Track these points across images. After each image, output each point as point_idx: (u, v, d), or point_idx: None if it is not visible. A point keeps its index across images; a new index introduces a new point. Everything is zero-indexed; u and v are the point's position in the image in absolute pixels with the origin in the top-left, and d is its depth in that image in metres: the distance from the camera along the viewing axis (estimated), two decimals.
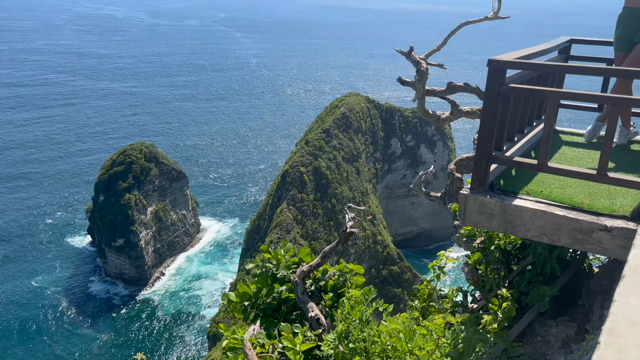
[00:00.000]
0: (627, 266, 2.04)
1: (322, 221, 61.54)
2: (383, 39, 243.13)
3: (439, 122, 9.20)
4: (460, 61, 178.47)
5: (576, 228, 4.51)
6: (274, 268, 6.98)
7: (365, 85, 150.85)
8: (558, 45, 6.84)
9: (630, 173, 5.50)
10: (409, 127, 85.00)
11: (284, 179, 63.88)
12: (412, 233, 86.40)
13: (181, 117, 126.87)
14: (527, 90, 4.94)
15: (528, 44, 8.36)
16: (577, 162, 6.01)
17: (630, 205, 4.61)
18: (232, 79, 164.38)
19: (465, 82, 8.48)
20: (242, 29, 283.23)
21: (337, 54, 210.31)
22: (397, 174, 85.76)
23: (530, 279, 6.03)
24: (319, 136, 68.74)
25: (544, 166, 4.81)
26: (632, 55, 6.28)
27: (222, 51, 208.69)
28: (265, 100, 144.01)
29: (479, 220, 5.10)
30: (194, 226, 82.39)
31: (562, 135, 7.20)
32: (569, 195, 4.93)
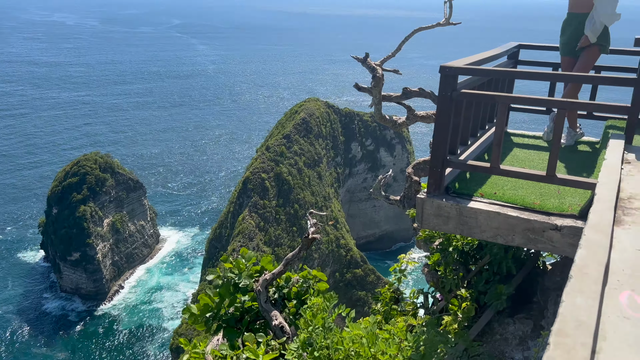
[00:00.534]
0: (574, 267, 2.12)
1: (285, 227, 61.33)
2: (341, 45, 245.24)
3: (395, 126, 9.34)
4: (416, 66, 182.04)
5: (529, 228, 4.65)
6: (236, 277, 6.89)
7: (324, 91, 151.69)
8: (507, 51, 7.07)
9: (578, 173, 5.73)
10: (368, 131, 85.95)
11: (245, 186, 63.34)
12: (374, 235, 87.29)
13: (137, 126, 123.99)
14: (478, 95, 5.08)
15: (480, 47, 8.64)
16: (528, 163, 6.21)
17: (578, 204, 4.80)
18: (189, 86, 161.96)
19: (420, 88, 8.65)
20: (198, 35, 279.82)
21: (296, 60, 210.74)
22: (358, 178, 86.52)
23: (488, 278, 6.19)
24: (279, 142, 68.59)
25: (497, 169, 4.95)
26: (580, 60, 6.55)
27: (177, 58, 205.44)
28: (223, 107, 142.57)
29: (436, 223, 5.20)
30: (153, 237, 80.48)
31: (513, 138, 7.43)
32: (521, 196, 5.08)
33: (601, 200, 2.79)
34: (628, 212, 2.81)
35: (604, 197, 2.83)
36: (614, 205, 2.77)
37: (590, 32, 6.25)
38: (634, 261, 2.30)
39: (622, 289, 2.08)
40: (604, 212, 2.63)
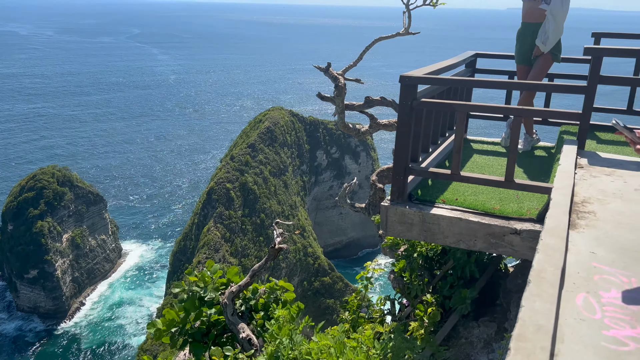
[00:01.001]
0: (532, 271, 2.17)
1: (252, 237, 60.78)
2: (304, 54, 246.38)
3: (359, 135, 9.44)
4: (378, 74, 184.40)
5: (490, 233, 4.76)
6: (202, 291, 6.78)
7: (289, 99, 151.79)
8: (465, 60, 7.26)
9: (535, 178, 5.91)
10: (333, 139, 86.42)
11: (209, 197, 62.51)
12: (341, 243, 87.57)
13: (96, 138, 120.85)
14: (437, 104, 5.19)
15: (439, 55, 8.86)
16: (488, 169, 6.37)
17: (536, 208, 4.94)
18: (150, 96, 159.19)
19: (382, 97, 8.78)
20: (159, 44, 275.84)
21: (259, 69, 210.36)
22: (324, 186, 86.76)
23: (452, 283, 6.29)
24: (244, 151, 68.12)
25: (457, 175, 5.06)
26: (534, 68, 6.79)
27: (138, 68, 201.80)
28: (185, 117, 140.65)
29: (401, 230, 5.26)
30: (115, 251, 78.34)
31: (473, 144, 7.61)
32: (482, 201, 5.20)
33: (556, 205, 2.87)
34: (582, 215, 2.91)
35: (559, 202, 2.93)
36: (568, 210, 2.86)
37: (542, 43, 6.50)
38: (588, 264, 2.38)
39: (578, 291, 2.15)
40: (560, 217, 2.71)
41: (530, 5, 6.75)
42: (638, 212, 3.01)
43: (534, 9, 6.71)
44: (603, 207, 3.06)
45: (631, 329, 1.89)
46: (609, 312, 2.00)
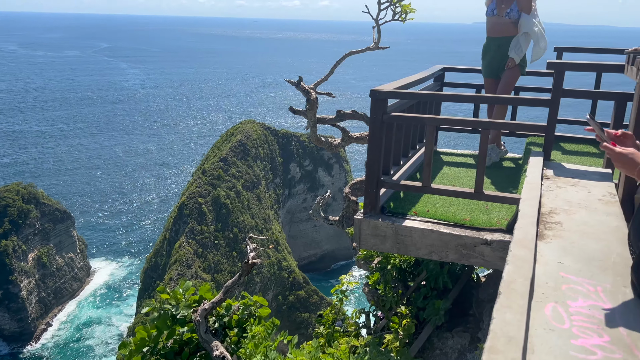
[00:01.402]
0: (502, 282, 2.21)
1: (225, 252, 60.06)
2: (275, 67, 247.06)
3: (331, 148, 9.49)
4: (350, 87, 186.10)
5: (461, 244, 4.83)
6: (174, 309, 6.65)
7: (261, 113, 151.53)
8: (433, 74, 7.41)
9: (504, 189, 6.04)
10: (306, 151, 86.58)
11: (181, 212, 61.63)
12: (316, 256, 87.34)
13: (63, 154, 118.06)
14: (407, 118, 5.27)
15: (409, 68, 9.02)
16: (458, 181, 6.48)
17: (505, 219, 5.05)
18: (118, 111, 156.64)
19: (354, 110, 8.86)
20: (128, 59, 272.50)
21: (230, 82, 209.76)
22: (297, 198, 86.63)
23: (426, 294, 6.34)
24: (216, 165, 67.57)
25: (428, 188, 5.13)
26: (502, 81, 6.98)
27: (106, 82, 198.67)
28: (154, 132, 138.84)
29: (374, 243, 5.29)
30: (83, 269, 76.28)
31: (443, 156, 7.74)
32: (453, 213, 5.28)
33: (524, 217, 2.94)
34: (549, 226, 2.98)
35: (526, 213, 2.99)
36: (536, 221, 2.93)
37: (515, 54, 6.72)
38: (556, 274, 2.44)
39: (547, 301, 2.19)
40: (527, 228, 2.77)
41: (494, 20, 6.96)
42: (602, 221, 3.10)
43: (498, 23, 6.92)
44: (569, 217, 3.15)
45: (598, 338, 1.94)
46: (576, 321, 2.05)
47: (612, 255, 2.65)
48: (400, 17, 8.03)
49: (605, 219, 3.15)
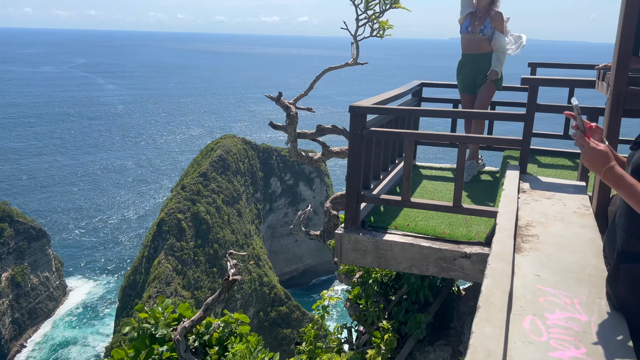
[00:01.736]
0: (481, 296, 2.23)
1: (205, 269, 59.34)
2: (255, 82, 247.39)
3: (311, 163, 9.51)
4: (330, 102, 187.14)
5: (441, 257, 4.87)
6: (152, 328, 6.54)
7: (241, 127, 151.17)
8: (411, 89, 7.51)
9: (482, 202, 6.12)
10: (286, 166, 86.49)
11: (160, 228, 60.82)
12: (297, 270, 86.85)
13: (38, 171, 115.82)
14: (386, 133, 5.33)
15: (388, 82, 9.16)
16: (437, 194, 6.55)
17: (484, 232, 5.11)
18: (95, 127, 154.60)
19: (333, 125, 8.92)
20: (106, 74, 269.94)
21: (209, 97, 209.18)
22: (279, 213, 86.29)
23: (407, 308, 6.35)
24: (196, 180, 67.01)
25: (408, 202, 5.17)
26: (478, 97, 7.13)
27: (84, 98, 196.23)
28: (133, 148, 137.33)
29: (355, 258, 5.29)
30: (59, 289, 74.50)
31: (422, 170, 7.82)
32: (432, 226, 5.33)
33: (502, 230, 2.98)
34: (526, 239, 3.03)
35: (504, 226, 3.04)
36: (513, 234, 2.97)
37: (498, 67, 6.92)
38: (533, 287, 2.47)
39: (525, 314, 2.22)
40: (505, 241, 2.81)
41: (469, 37, 7.13)
42: (577, 233, 3.16)
43: (472, 40, 7.09)
44: (545, 230, 3.20)
45: (575, 350, 1.97)
46: (554, 333, 2.08)
47: (588, 267, 2.71)
48: (378, 34, 8.14)
49: (580, 231, 3.22)
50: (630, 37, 3.53)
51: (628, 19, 3.43)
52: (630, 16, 3.45)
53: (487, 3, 6.94)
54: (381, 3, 7.89)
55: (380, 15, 7.97)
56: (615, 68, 3.48)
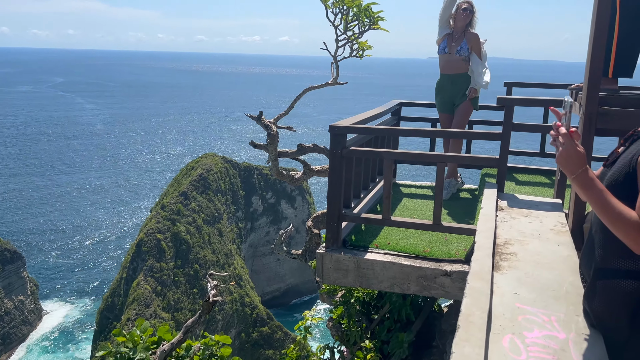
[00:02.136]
0: (461, 315, 2.24)
1: (185, 290, 58.40)
2: (235, 101, 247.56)
3: (293, 181, 9.51)
4: (311, 121, 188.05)
5: (422, 275, 4.89)
6: (130, 352, 6.39)
7: (221, 146, 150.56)
8: (390, 108, 7.61)
9: (461, 219, 6.18)
10: (268, 184, 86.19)
11: (139, 249, 59.84)
12: (279, 290, 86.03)
13: (12, 192, 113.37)
14: (366, 152, 5.37)
15: (367, 101, 9.27)
16: (417, 212, 6.59)
17: (463, 249, 5.15)
18: (73, 147, 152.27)
19: (314, 144, 8.97)
20: (84, 93, 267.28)
21: (190, 116, 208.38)
22: (260, 232, 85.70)
23: (389, 327, 6.33)
24: (176, 199, 66.31)
25: (388, 220, 5.20)
26: (456, 117, 7.26)
27: (61, 118, 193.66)
28: (111, 167, 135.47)
29: (337, 277, 5.28)
30: (34, 312, 72.46)
31: (402, 188, 7.88)
32: (413, 244, 5.35)
33: (480, 248, 3.01)
34: (504, 257, 3.06)
35: (482, 245, 3.07)
36: (492, 252, 3.00)
37: (477, 86, 7.07)
38: (512, 305, 2.49)
39: (504, 333, 2.23)
40: (484, 260, 2.84)
41: (446, 58, 7.28)
42: (554, 251, 3.21)
43: (450, 61, 7.25)
44: (523, 247, 3.24)
45: None
46: (532, 352, 2.09)
47: (565, 285, 2.74)
48: (357, 54, 8.25)
49: (557, 248, 3.27)
50: (600, 58, 3.64)
51: (597, 41, 3.54)
52: (599, 38, 3.57)
53: (463, 25, 7.12)
54: (360, 24, 8.03)
55: (359, 36, 8.10)
56: (586, 89, 3.58)
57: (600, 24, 3.54)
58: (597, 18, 3.53)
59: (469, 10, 7.08)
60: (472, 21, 7.16)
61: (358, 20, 7.94)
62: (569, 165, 2.19)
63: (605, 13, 3.52)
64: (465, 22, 7.11)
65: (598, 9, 3.51)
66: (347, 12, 7.86)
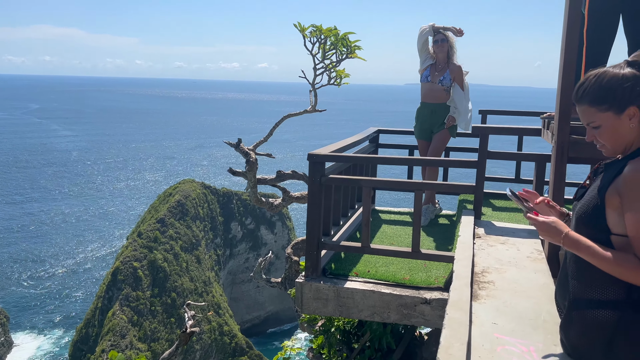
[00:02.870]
0: (440, 348, 2.23)
1: (162, 319, 57.05)
2: (214, 127, 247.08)
3: (272, 208, 9.47)
4: (291, 146, 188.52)
5: (402, 303, 4.86)
6: None
7: (200, 172, 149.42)
8: (368, 136, 7.70)
9: (440, 246, 6.21)
10: (247, 210, 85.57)
11: (114, 278, 58.48)
12: (259, 318, 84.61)
13: None
14: (345, 180, 5.39)
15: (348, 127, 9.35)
16: (396, 239, 6.61)
17: (443, 277, 5.15)
18: (47, 175, 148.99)
19: (293, 170, 8.99)
20: (60, 120, 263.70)
21: (168, 142, 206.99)
22: (239, 258, 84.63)
23: (370, 356, 6.25)
24: (153, 227, 65.28)
25: (367, 248, 5.19)
26: (433, 144, 7.37)
27: (36, 145, 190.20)
28: (86, 195, 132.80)
29: (316, 307, 5.22)
30: (4, 345, 69.75)
31: (381, 215, 7.91)
32: (393, 272, 5.34)
33: (458, 277, 3.02)
34: (483, 286, 3.07)
35: (460, 274, 3.08)
36: (470, 282, 3.01)
37: (456, 115, 7.21)
38: (491, 335, 2.49)
39: None
40: (462, 289, 2.85)
41: (428, 87, 7.43)
42: (531, 279, 3.24)
43: (432, 90, 7.40)
44: (501, 276, 3.26)
45: None
46: None
47: (542, 313, 2.76)
48: (335, 82, 8.38)
49: (534, 276, 3.30)
50: (570, 87, 3.76)
51: (567, 73, 3.66)
52: (569, 68, 3.68)
53: (444, 56, 7.30)
54: (338, 53, 8.17)
55: (337, 65, 8.23)
56: (557, 118, 3.67)
57: (569, 55, 3.66)
58: (565, 50, 3.65)
59: (441, 40, 7.26)
60: (450, 52, 7.33)
61: (335, 49, 8.08)
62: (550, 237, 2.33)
63: (573, 46, 3.64)
64: (443, 52, 7.28)
65: (566, 42, 3.63)
66: (325, 41, 8.00)
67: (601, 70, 2.33)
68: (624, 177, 2.18)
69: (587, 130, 2.40)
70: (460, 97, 7.23)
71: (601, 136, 2.32)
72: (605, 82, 2.26)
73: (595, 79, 2.30)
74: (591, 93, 2.30)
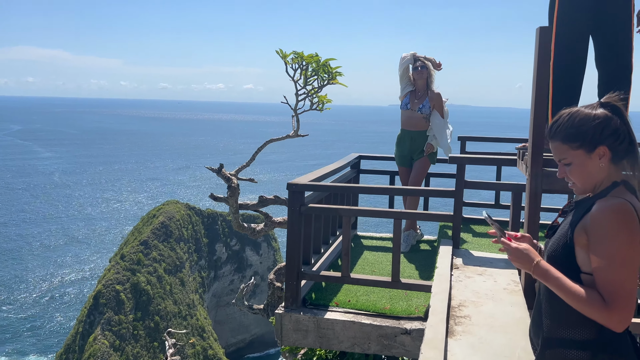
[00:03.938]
0: None
1: (145, 343, 55.90)
2: (198, 148, 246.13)
3: (254, 234, 9.43)
4: (273, 169, 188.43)
5: (382, 334, 4.83)
6: None
7: (184, 193, 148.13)
8: (350, 162, 7.74)
9: (421, 274, 6.21)
10: (232, 231, 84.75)
11: (96, 301, 57.30)
12: (244, 341, 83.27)
13: None
14: (325, 209, 5.39)
15: (332, 147, 9.42)
16: (378, 266, 6.59)
17: (423, 305, 5.14)
18: (26, 198, 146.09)
19: (276, 195, 8.98)
20: (43, 141, 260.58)
21: (151, 163, 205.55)
22: (224, 280, 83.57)
23: None
24: (136, 249, 64.35)
25: (347, 277, 5.18)
26: (413, 171, 7.43)
27: (16, 167, 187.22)
28: (67, 218, 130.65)
29: (296, 339, 5.16)
30: None
31: (363, 240, 7.91)
32: (373, 302, 5.31)
33: (434, 313, 3.02)
34: (459, 321, 3.07)
35: (436, 309, 3.08)
36: (445, 317, 3.01)
37: (434, 142, 7.28)
38: None
39: None
40: (437, 326, 2.84)
41: (408, 114, 7.52)
42: (507, 312, 3.24)
43: (411, 117, 7.48)
44: (477, 309, 3.27)
45: None
46: None
47: (517, 350, 2.76)
48: (317, 107, 8.45)
49: (510, 309, 3.31)
50: (542, 120, 3.83)
51: (539, 107, 3.73)
52: (540, 104, 3.75)
53: (424, 83, 7.41)
54: (319, 79, 8.25)
55: (319, 90, 8.31)
56: (531, 151, 3.73)
57: (540, 90, 3.74)
58: (537, 87, 3.73)
59: (421, 67, 7.38)
60: (429, 79, 7.44)
61: (317, 75, 8.17)
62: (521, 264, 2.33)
63: (544, 84, 3.72)
64: (423, 79, 7.38)
65: (537, 80, 3.71)
66: (306, 67, 8.08)
67: (574, 109, 2.40)
68: (591, 215, 2.22)
69: (559, 167, 2.45)
70: (439, 124, 7.31)
71: (572, 174, 2.37)
72: (578, 121, 2.32)
73: (569, 117, 2.37)
74: (564, 131, 2.35)
